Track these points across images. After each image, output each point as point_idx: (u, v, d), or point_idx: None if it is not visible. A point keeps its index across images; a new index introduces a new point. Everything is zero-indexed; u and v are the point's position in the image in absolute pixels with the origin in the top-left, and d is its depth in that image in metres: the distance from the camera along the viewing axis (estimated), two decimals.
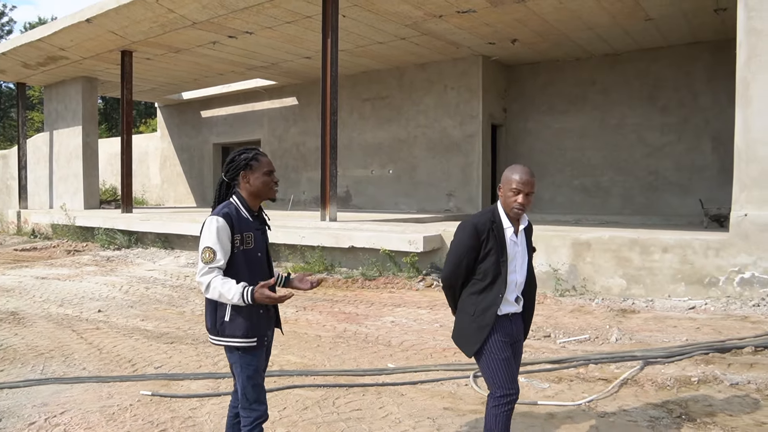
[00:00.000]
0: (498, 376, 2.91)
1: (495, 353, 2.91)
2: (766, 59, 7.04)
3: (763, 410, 4.02)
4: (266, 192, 2.88)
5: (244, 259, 2.77)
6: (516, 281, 2.98)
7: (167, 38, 13.75)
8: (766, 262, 7.00)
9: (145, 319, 6.97)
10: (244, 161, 2.84)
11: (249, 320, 2.75)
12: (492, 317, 2.91)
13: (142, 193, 24.07)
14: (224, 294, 2.65)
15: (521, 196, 2.87)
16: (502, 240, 2.92)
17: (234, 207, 2.81)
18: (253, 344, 2.78)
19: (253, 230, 2.83)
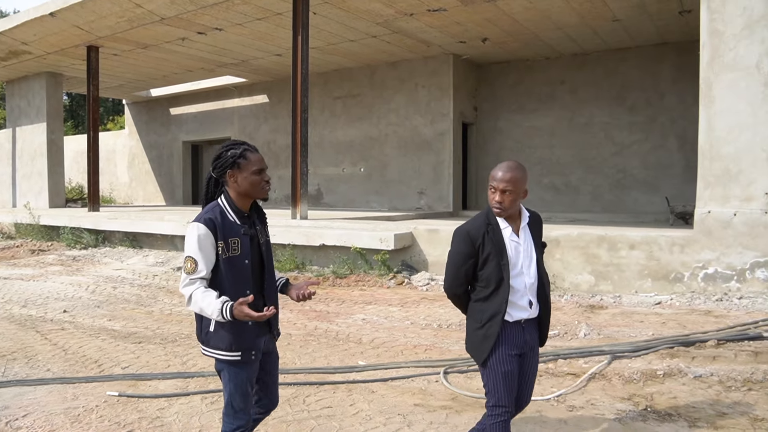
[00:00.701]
0: (495, 388, 2.78)
1: (497, 366, 2.76)
2: (728, 60, 7.20)
3: (725, 401, 4.12)
4: (256, 192, 2.64)
5: (229, 267, 2.55)
6: (525, 284, 2.77)
7: (135, 34, 13.52)
8: (728, 257, 7.18)
9: (112, 319, 6.85)
10: (231, 159, 2.60)
11: (233, 332, 2.56)
12: (497, 326, 2.74)
13: (110, 191, 23.65)
14: (204, 309, 2.47)
15: (498, 194, 2.72)
16: (501, 242, 2.75)
17: (219, 210, 2.59)
18: (237, 358, 2.58)
19: (240, 235, 2.59)
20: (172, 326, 6.48)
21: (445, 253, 9.04)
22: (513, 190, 2.71)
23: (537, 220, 2.92)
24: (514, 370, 2.77)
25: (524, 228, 2.84)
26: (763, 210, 7.01)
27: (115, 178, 23.91)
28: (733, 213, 7.15)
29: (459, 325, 6.34)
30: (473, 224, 2.80)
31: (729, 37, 7.18)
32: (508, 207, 2.74)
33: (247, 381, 2.65)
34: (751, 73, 7.04)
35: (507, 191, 2.71)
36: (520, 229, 2.82)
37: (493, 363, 2.77)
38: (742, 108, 7.11)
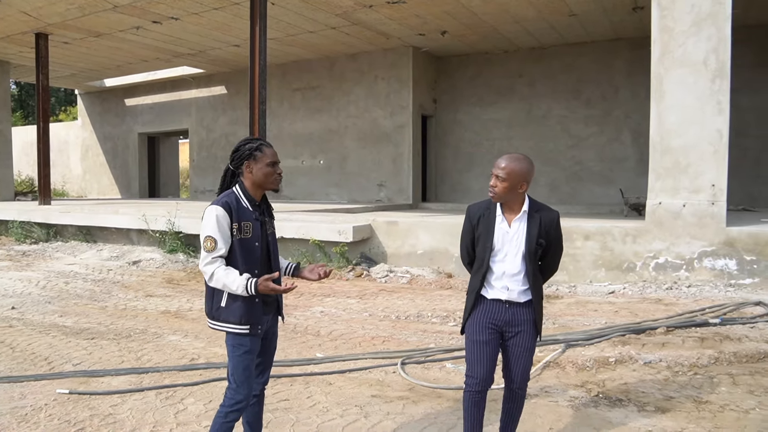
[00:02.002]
0: (468, 357, 3.03)
1: (471, 334, 3.02)
2: (678, 56, 7.39)
3: (672, 386, 4.26)
4: (268, 183, 2.89)
5: (240, 247, 2.79)
6: (504, 271, 2.96)
7: (86, 21, 13.11)
8: (677, 247, 7.40)
9: (63, 315, 6.67)
10: (248, 151, 2.85)
11: (244, 307, 2.79)
12: (472, 300, 3.03)
13: (63, 184, 22.99)
14: (228, 285, 2.71)
15: (493, 179, 2.95)
16: (490, 227, 2.98)
17: (234, 196, 2.84)
18: (246, 331, 2.81)
19: (252, 220, 2.84)
20: (127, 321, 6.35)
21: (403, 245, 9.09)
22: (507, 179, 2.90)
23: (547, 218, 2.99)
24: (488, 343, 2.98)
25: (520, 220, 2.97)
26: (710, 201, 7.23)
27: (68, 171, 23.25)
28: (682, 204, 7.37)
29: (417, 317, 6.38)
30: (477, 205, 3.11)
31: (678, 33, 7.37)
32: (500, 193, 2.93)
33: (250, 355, 2.85)
34: (699, 69, 7.25)
35: (501, 179, 2.91)
36: (514, 220, 2.97)
37: (468, 332, 3.04)
38: (691, 103, 7.32)
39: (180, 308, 7.00)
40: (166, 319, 6.49)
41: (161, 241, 10.89)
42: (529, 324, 3.00)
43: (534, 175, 3.04)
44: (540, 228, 2.96)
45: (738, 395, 4.05)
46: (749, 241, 7.08)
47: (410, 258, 8.95)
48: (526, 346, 3.01)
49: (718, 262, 7.19)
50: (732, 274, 7.12)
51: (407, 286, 8.09)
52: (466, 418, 3.07)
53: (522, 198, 2.99)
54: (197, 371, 4.70)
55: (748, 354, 4.75)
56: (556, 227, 3.01)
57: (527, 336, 3.01)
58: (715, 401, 3.96)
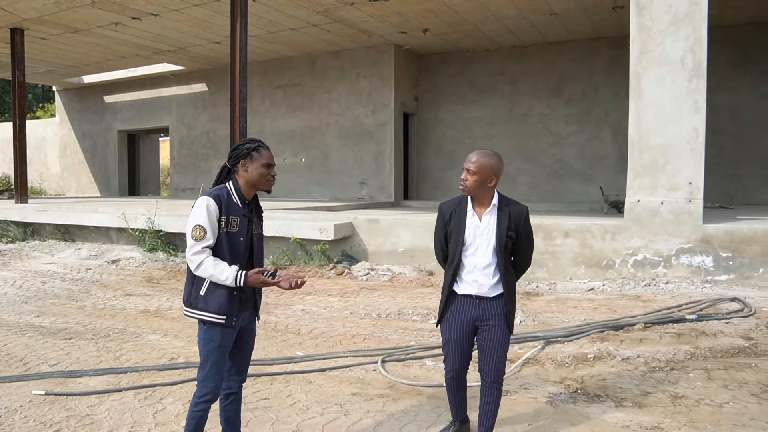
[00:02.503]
0: (444, 350, 3.24)
1: (444, 332, 3.21)
2: (656, 55, 7.48)
3: (649, 381, 4.31)
4: (261, 183, 2.96)
5: (226, 240, 2.86)
6: (475, 264, 3.09)
7: (64, 17, 12.93)
8: (656, 244, 7.48)
9: (40, 315, 6.59)
10: (245, 150, 2.93)
11: (222, 298, 2.84)
12: (445, 295, 3.18)
13: (40, 182, 22.65)
14: (216, 275, 2.78)
15: (464, 173, 3.08)
16: (462, 222, 3.11)
17: (226, 191, 2.92)
18: (221, 321, 2.85)
19: (240, 216, 2.90)
20: (105, 321, 6.28)
21: (385, 243, 9.09)
22: (477, 173, 3.04)
23: (516, 211, 3.11)
24: (460, 340, 3.15)
25: (490, 214, 3.10)
26: (687, 199, 7.33)
27: (46, 169, 22.92)
28: (660, 202, 7.45)
29: (398, 315, 6.40)
30: (448, 202, 3.24)
31: (656, 33, 7.46)
32: (470, 187, 3.07)
33: (220, 351, 2.88)
34: (677, 68, 7.34)
35: (472, 172, 3.04)
36: (485, 214, 3.10)
37: (442, 328, 3.23)
38: (669, 101, 7.40)
39: (160, 307, 6.94)
40: (145, 318, 6.43)
41: (141, 240, 10.78)
42: (500, 318, 3.10)
43: (503, 170, 3.13)
44: (509, 221, 3.08)
45: (713, 390, 4.11)
46: (725, 238, 7.19)
47: (391, 256, 8.96)
48: (498, 339, 3.11)
49: (695, 258, 7.29)
50: (708, 270, 7.23)
51: (388, 284, 8.10)
52: (450, 400, 3.35)
53: (492, 192, 3.12)
54: (177, 371, 4.67)
55: (723, 349, 4.82)
56: (525, 221, 3.12)
57: (499, 330, 3.11)
58: (691, 396, 4.01)
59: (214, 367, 2.88)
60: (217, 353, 2.88)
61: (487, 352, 3.13)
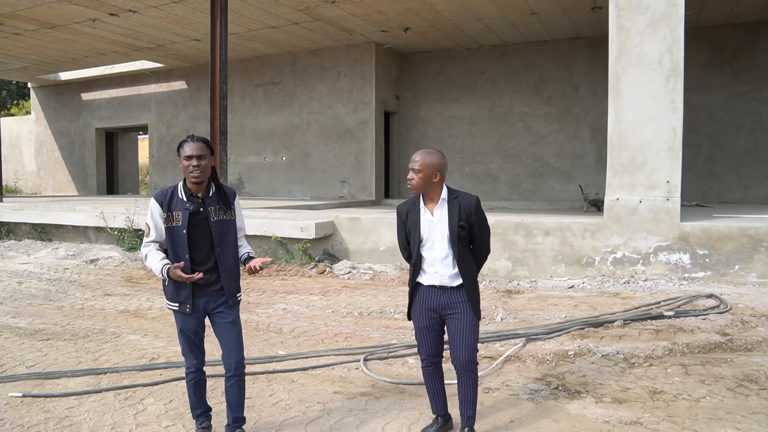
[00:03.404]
0: (417, 339, 3.41)
1: (415, 320, 3.38)
2: (634, 55, 7.57)
3: (628, 377, 4.37)
4: (186, 175, 3.17)
5: (169, 234, 3.16)
6: (434, 257, 3.25)
7: (39, 12, 12.71)
8: (634, 242, 7.58)
9: (17, 315, 6.49)
10: (178, 148, 3.20)
11: (174, 289, 3.20)
12: (411, 287, 3.37)
13: (15, 181, 22.26)
14: (152, 267, 3.17)
15: (410, 173, 3.24)
16: (417, 220, 3.28)
17: (172, 189, 3.21)
18: (175, 308, 3.24)
19: (182, 209, 3.14)
20: (84, 321, 6.21)
21: (366, 242, 9.12)
22: (421, 170, 3.20)
23: (466, 202, 3.25)
24: (429, 328, 3.32)
25: (440, 208, 3.25)
26: (665, 197, 7.43)
27: (21, 167, 22.54)
28: (638, 200, 7.55)
29: (379, 313, 6.40)
30: (404, 203, 3.40)
31: (635, 33, 7.55)
32: (417, 185, 3.23)
33: (183, 331, 3.27)
34: (654, 68, 7.44)
35: (416, 171, 3.21)
36: (435, 208, 3.25)
37: (413, 318, 3.39)
38: (647, 101, 7.50)
39: (139, 307, 6.88)
40: (125, 318, 6.37)
41: (120, 239, 10.67)
42: (464, 305, 3.24)
43: (447, 166, 3.29)
44: (460, 212, 3.23)
45: (690, 385, 4.18)
46: (702, 235, 7.30)
47: (373, 254, 8.97)
48: (465, 326, 3.23)
49: (673, 256, 7.39)
50: (686, 267, 7.34)
51: (370, 282, 8.10)
52: (428, 391, 3.47)
53: (439, 188, 3.27)
54: (157, 371, 4.63)
55: (700, 345, 4.90)
56: (476, 210, 3.26)
57: (465, 317, 3.23)
58: (669, 391, 4.07)
59: (185, 345, 3.31)
60: (182, 335, 3.29)
61: (456, 341, 3.24)
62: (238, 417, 3.36)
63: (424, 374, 3.44)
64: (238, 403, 3.34)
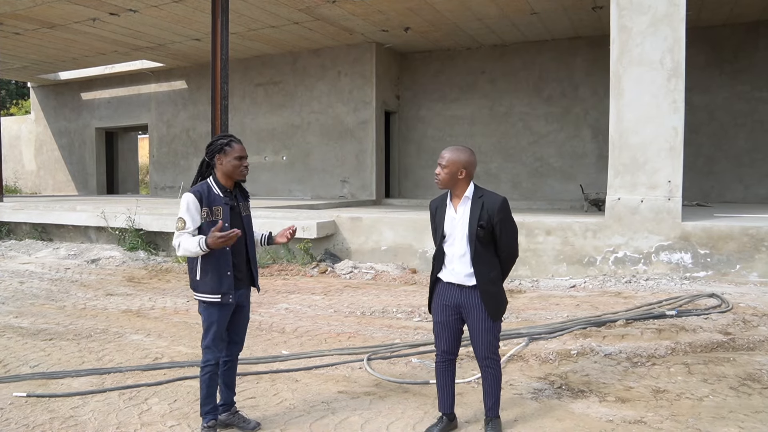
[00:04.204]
0: (435, 334, 3.44)
1: (433, 314, 3.42)
2: (636, 55, 7.58)
3: (631, 376, 4.38)
4: (236, 174, 3.39)
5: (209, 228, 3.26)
6: (453, 253, 3.29)
7: (39, 11, 12.70)
8: (636, 241, 7.59)
9: (19, 315, 6.49)
10: (219, 146, 3.35)
11: (215, 280, 3.31)
12: (432, 282, 3.42)
13: (15, 180, 22.25)
14: (188, 248, 3.22)
15: (437, 168, 3.28)
16: (442, 216, 3.33)
17: (207, 186, 3.36)
18: (217, 300, 3.33)
19: (222, 204, 3.35)
20: (87, 321, 6.21)
21: (367, 241, 9.11)
22: (447, 166, 3.23)
23: (490, 202, 3.24)
24: (446, 323, 3.35)
25: (463, 205, 3.28)
26: (666, 197, 7.44)
27: (21, 167, 22.53)
28: (640, 200, 7.56)
29: (382, 313, 6.41)
30: (435, 199, 3.45)
31: (636, 33, 7.56)
32: (443, 180, 3.27)
33: (219, 322, 3.37)
34: (656, 68, 7.45)
35: (443, 167, 3.24)
36: (459, 205, 3.29)
37: (432, 312, 3.43)
38: (648, 101, 7.51)
39: (142, 307, 6.88)
40: (127, 318, 6.37)
41: (121, 239, 10.67)
42: (479, 305, 3.27)
43: (475, 164, 3.28)
44: (482, 211, 3.22)
45: (693, 384, 4.19)
46: (703, 235, 7.32)
47: (374, 254, 8.98)
48: (481, 326, 3.28)
49: (674, 255, 7.41)
50: (687, 267, 7.35)
51: (372, 282, 8.11)
52: (438, 386, 3.48)
53: (465, 185, 3.28)
54: (161, 370, 4.63)
55: (702, 344, 4.91)
56: (500, 210, 3.23)
57: (480, 316, 3.28)
58: (672, 390, 4.08)
59: (213, 339, 3.37)
60: (215, 327, 3.36)
61: (474, 337, 3.33)
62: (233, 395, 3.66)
63: (436, 369, 3.46)
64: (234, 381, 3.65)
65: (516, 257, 3.41)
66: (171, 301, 7.18)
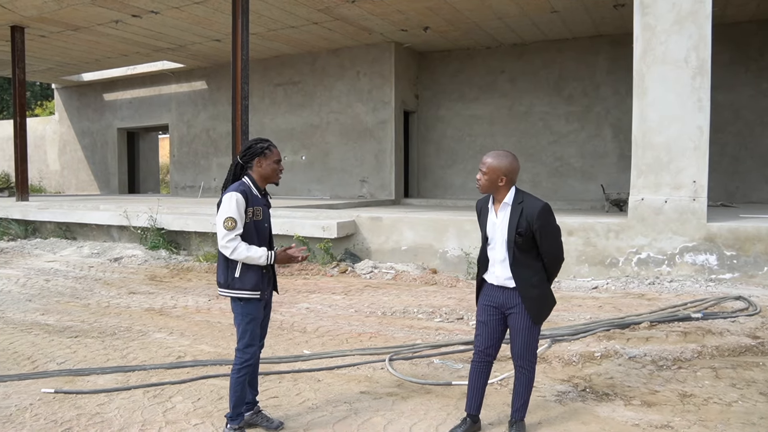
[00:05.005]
0: (475, 333, 3.45)
1: (477, 313, 3.45)
2: (660, 54, 7.48)
3: (657, 380, 4.32)
4: (273, 177, 3.51)
5: (254, 228, 3.40)
6: (494, 257, 3.33)
7: (64, 14, 12.89)
8: (660, 242, 7.50)
9: (45, 313, 6.58)
10: (259, 149, 3.43)
11: (255, 277, 3.39)
12: (479, 282, 3.46)
13: (40, 180, 22.59)
14: (251, 256, 3.31)
15: (479, 174, 3.29)
16: (484, 219, 3.37)
17: (247, 186, 3.42)
18: (257, 296, 3.41)
19: (262, 205, 3.47)
20: (110, 319, 6.28)
21: (388, 241, 9.10)
22: (487, 173, 3.23)
23: (529, 207, 3.21)
24: (486, 322, 3.37)
25: (503, 211, 3.28)
26: (691, 197, 7.34)
27: (45, 166, 22.87)
28: (664, 200, 7.47)
29: (403, 313, 6.40)
30: (481, 199, 3.45)
31: (660, 31, 7.46)
32: (483, 186, 3.28)
33: (256, 319, 3.44)
34: (680, 66, 7.35)
35: (483, 173, 3.25)
36: (499, 210, 3.30)
37: (477, 311, 3.46)
38: (672, 100, 7.41)
39: (164, 305, 6.94)
40: (150, 316, 6.43)
41: (143, 238, 10.78)
42: (520, 307, 3.29)
43: (517, 170, 3.25)
44: (520, 218, 3.21)
45: (721, 388, 4.12)
46: (729, 236, 7.21)
47: (394, 254, 8.97)
48: (521, 326, 3.30)
49: (699, 257, 7.30)
50: (712, 269, 7.24)
51: (392, 282, 8.10)
52: (469, 385, 3.46)
53: (505, 191, 3.27)
54: (184, 369, 4.66)
55: (730, 348, 4.83)
56: (539, 216, 3.20)
57: (521, 317, 3.29)
58: (699, 394, 4.02)
59: (251, 336, 3.42)
60: (254, 324, 3.43)
61: (513, 337, 3.34)
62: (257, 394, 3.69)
63: (471, 368, 3.46)
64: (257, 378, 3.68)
65: (561, 261, 3.40)
66: (193, 299, 7.23)
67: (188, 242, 10.70)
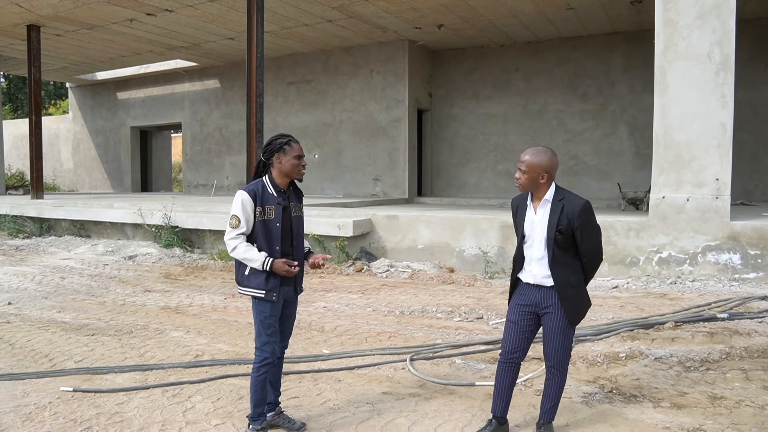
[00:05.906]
0: (504, 334, 3.37)
1: (508, 313, 3.36)
2: (681, 49, 7.36)
3: (685, 381, 4.22)
4: (294, 173, 3.39)
5: (262, 227, 3.32)
6: (531, 256, 3.23)
7: (79, 13, 12.92)
8: (681, 241, 7.37)
9: (61, 310, 6.56)
10: (278, 145, 3.35)
11: (259, 277, 3.32)
12: (513, 281, 3.37)
13: (54, 178, 22.72)
14: (248, 258, 3.28)
15: (517, 172, 3.23)
16: (522, 216, 3.28)
17: (261, 184, 3.35)
18: (262, 295, 3.33)
19: (275, 204, 3.34)
20: (127, 317, 6.25)
21: (404, 240, 9.03)
22: (527, 171, 3.16)
23: (570, 205, 3.13)
24: (516, 323, 3.27)
25: (542, 208, 3.20)
26: (713, 195, 7.21)
27: (59, 165, 22.99)
28: (686, 198, 7.34)
29: (421, 312, 6.33)
30: (517, 197, 3.39)
31: (682, 26, 7.33)
32: (524, 185, 3.20)
33: (270, 318, 3.37)
34: (703, 62, 7.22)
35: (522, 171, 3.18)
36: (538, 208, 3.21)
37: (508, 311, 3.37)
38: (695, 96, 7.29)
39: (180, 304, 6.91)
40: (166, 314, 6.39)
41: (157, 236, 10.77)
42: (557, 306, 3.19)
43: (557, 166, 3.18)
44: (560, 215, 3.12)
45: (752, 391, 4.01)
46: (753, 235, 7.07)
47: (411, 253, 8.89)
48: (557, 326, 3.20)
49: (722, 256, 7.17)
50: (736, 268, 7.11)
51: (409, 281, 8.03)
52: (495, 386, 3.38)
53: (546, 188, 3.19)
54: (203, 368, 4.61)
55: (759, 349, 4.72)
56: (580, 214, 3.13)
57: (557, 317, 3.20)
58: (730, 397, 3.92)
59: (267, 333, 3.36)
60: (268, 321, 3.37)
61: (547, 338, 3.25)
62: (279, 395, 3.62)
63: (497, 368, 3.37)
64: (280, 380, 3.61)
65: (600, 261, 3.30)
66: (208, 298, 7.20)
67: (202, 240, 10.68)
